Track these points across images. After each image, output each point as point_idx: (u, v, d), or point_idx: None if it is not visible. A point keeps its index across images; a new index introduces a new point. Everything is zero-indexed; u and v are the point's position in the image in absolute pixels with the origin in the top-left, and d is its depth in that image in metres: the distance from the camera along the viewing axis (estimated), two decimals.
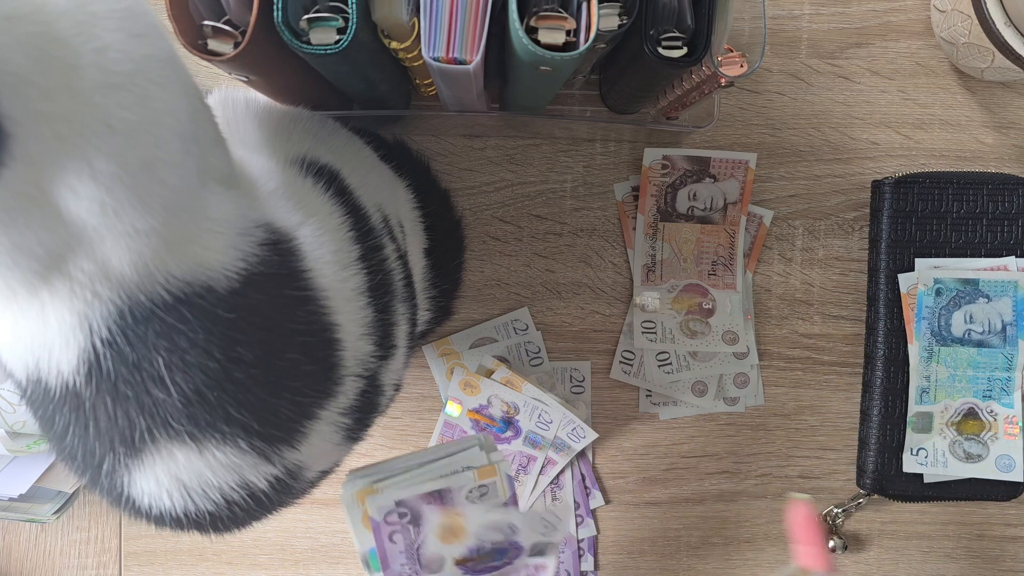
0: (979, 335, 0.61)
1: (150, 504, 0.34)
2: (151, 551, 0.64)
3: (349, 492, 0.39)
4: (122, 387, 0.30)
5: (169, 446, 0.32)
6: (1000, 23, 0.53)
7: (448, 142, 0.63)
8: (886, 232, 0.62)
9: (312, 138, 0.46)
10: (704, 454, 0.64)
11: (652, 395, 0.64)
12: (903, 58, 0.63)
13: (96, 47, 0.27)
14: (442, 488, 0.38)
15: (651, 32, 0.44)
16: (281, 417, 0.34)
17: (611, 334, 0.64)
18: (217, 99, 0.47)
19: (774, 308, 0.64)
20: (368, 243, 0.41)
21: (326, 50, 0.39)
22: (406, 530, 0.38)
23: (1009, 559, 0.65)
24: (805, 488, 0.64)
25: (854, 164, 0.63)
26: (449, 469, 0.40)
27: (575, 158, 0.63)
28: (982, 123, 0.63)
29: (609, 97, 0.59)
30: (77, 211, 0.28)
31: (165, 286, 0.30)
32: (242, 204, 0.34)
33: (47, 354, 0.30)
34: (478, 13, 0.40)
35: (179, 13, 0.40)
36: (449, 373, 0.63)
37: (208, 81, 0.57)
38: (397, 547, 0.38)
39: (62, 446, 0.33)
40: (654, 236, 0.62)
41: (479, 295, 0.63)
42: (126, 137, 0.28)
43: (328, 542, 0.64)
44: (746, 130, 0.63)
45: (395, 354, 0.43)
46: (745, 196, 0.62)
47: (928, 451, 0.61)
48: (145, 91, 0.29)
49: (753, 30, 0.48)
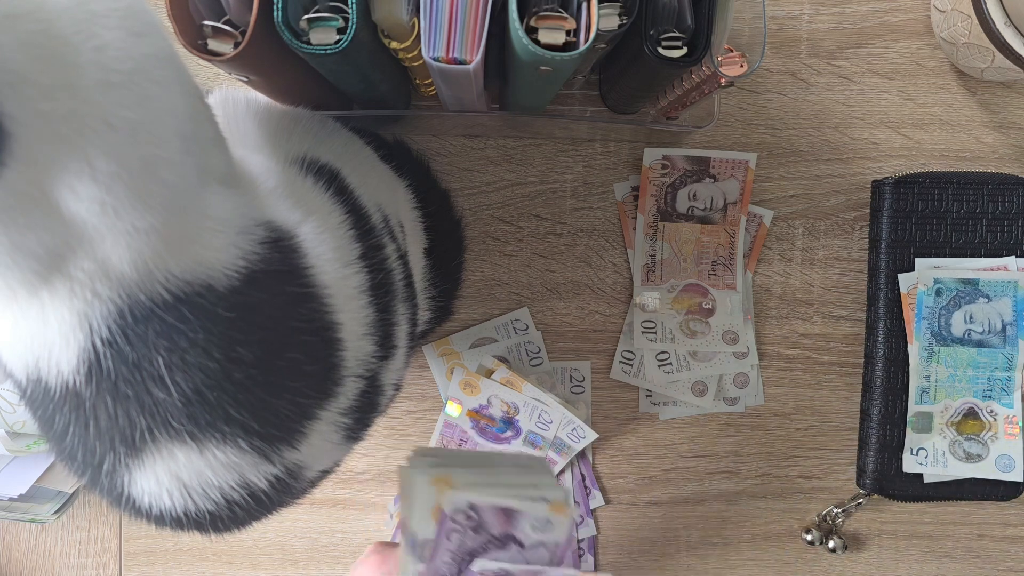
0: (979, 335, 0.61)
1: (150, 504, 0.34)
2: (151, 551, 0.64)
3: (422, 474, 0.37)
4: (122, 386, 0.30)
5: (169, 446, 0.32)
6: (1000, 23, 0.53)
7: (448, 142, 0.63)
8: (886, 232, 0.62)
9: (312, 138, 0.46)
10: (704, 454, 0.64)
11: (652, 395, 0.64)
12: (903, 58, 0.63)
13: (96, 45, 0.27)
14: (516, 508, 0.37)
15: (651, 32, 0.44)
16: (281, 417, 0.34)
17: (611, 334, 0.64)
18: (217, 99, 0.47)
19: (774, 308, 0.64)
20: (368, 242, 0.41)
21: (326, 50, 0.39)
22: (465, 533, 0.38)
23: (1009, 559, 0.65)
24: (805, 488, 0.64)
25: (854, 164, 0.63)
26: (525, 491, 0.38)
27: (575, 158, 0.63)
28: (982, 123, 0.63)
29: (609, 97, 0.59)
30: (77, 210, 0.28)
31: (165, 285, 0.30)
32: (242, 203, 0.34)
33: (47, 354, 0.30)
34: (478, 13, 0.40)
35: (179, 13, 0.40)
36: (449, 373, 0.63)
37: (208, 81, 0.57)
38: (449, 545, 0.38)
39: (62, 446, 0.33)
40: (654, 236, 0.62)
41: (479, 295, 0.63)
42: (126, 136, 0.28)
43: (328, 542, 0.64)
44: (746, 130, 0.63)
45: (396, 354, 0.43)
46: (745, 196, 0.62)
47: (928, 451, 0.61)
48: (145, 90, 0.29)
49: (753, 30, 0.48)
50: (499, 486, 0.38)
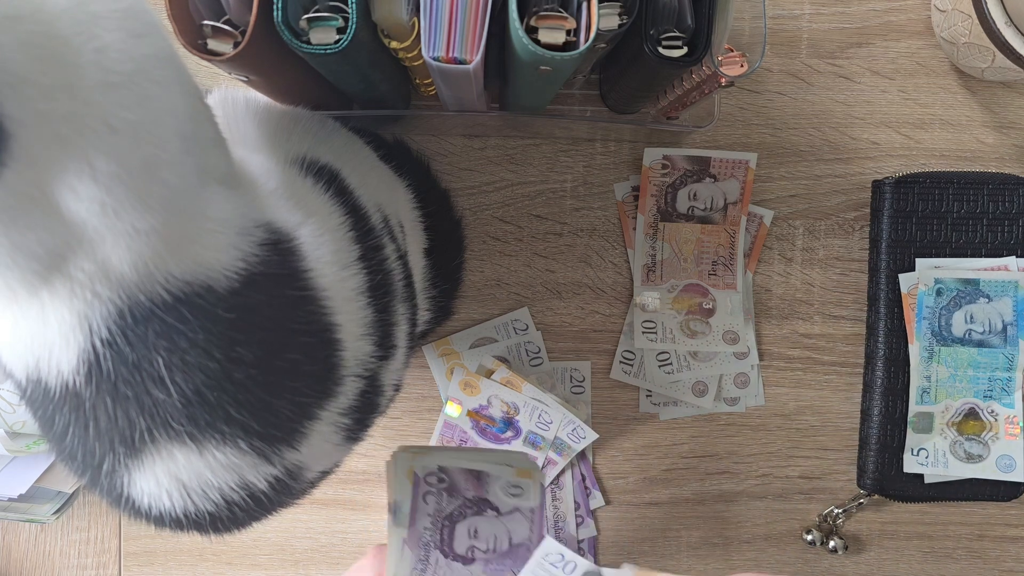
0: (979, 335, 0.61)
1: (150, 504, 0.34)
2: (151, 551, 0.64)
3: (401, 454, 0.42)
4: (122, 387, 0.30)
5: (169, 446, 0.32)
6: (1000, 23, 0.53)
7: (448, 142, 0.63)
8: (886, 232, 0.62)
9: (312, 138, 0.46)
10: (704, 454, 0.64)
11: (652, 395, 0.64)
12: (903, 58, 0.63)
13: (97, 46, 0.27)
14: (483, 471, 0.41)
15: (651, 32, 0.44)
16: (281, 417, 0.34)
17: (611, 334, 0.64)
18: (217, 99, 0.47)
19: (774, 308, 0.64)
20: (368, 243, 0.41)
21: (326, 50, 0.39)
22: (440, 495, 0.41)
23: (1009, 559, 0.65)
24: (805, 488, 0.64)
25: (854, 164, 0.63)
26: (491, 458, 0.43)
27: (575, 158, 0.63)
28: (982, 123, 0.63)
29: (609, 97, 0.59)
30: (77, 211, 0.28)
31: (165, 286, 0.30)
32: (242, 204, 0.34)
33: (47, 354, 0.30)
34: (478, 13, 0.40)
35: (179, 13, 0.40)
36: (449, 373, 0.63)
37: (208, 81, 0.57)
38: (427, 508, 0.41)
39: (62, 446, 0.33)
40: (654, 236, 0.62)
41: (479, 295, 0.63)
42: (126, 137, 0.28)
43: (328, 542, 0.64)
44: (746, 130, 0.63)
45: (395, 354, 0.43)
46: (745, 196, 0.62)
47: (929, 451, 0.61)
48: (145, 90, 0.29)
49: (753, 30, 0.48)
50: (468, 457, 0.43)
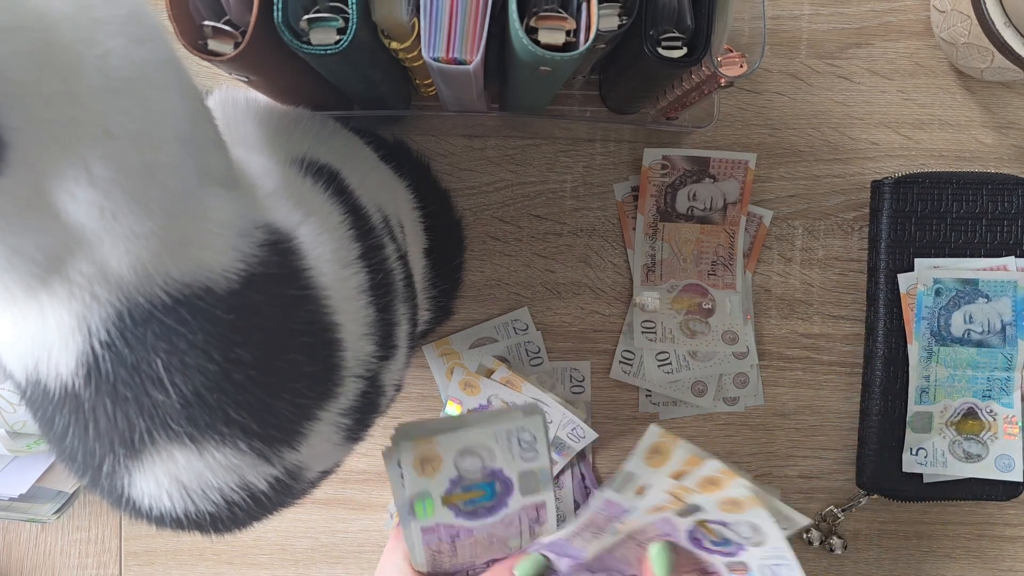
0: (978, 335, 0.61)
1: (150, 505, 0.34)
2: (151, 551, 0.64)
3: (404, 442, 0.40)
4: (121, 389, 0.30)
5: (169, 447, 0.32)
6: (1000, 23, 0.53)
7: (448, 142, 0.63)
8: (886, 232, 0.62)
9: (312, 138, 0.46)
10: None
11: (652, 395, 0.64)
12: (903, 58, 0.63)
13: (98, 52, 0.27)
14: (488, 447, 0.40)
15: (651, 32, 0.44)
16: (281, 418, 0.34)
17: (611, 334, 0.64)
18: (217, 99, 0.47)
19: (774, 308, 0.64)
20: (368, 242, 0.41)
21: (326, 50, 0.39)
22: None
23: (1009, 559, 0.65)
24: (804, 488, 0.64)
25: (854, 164, 0.63)
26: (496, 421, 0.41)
27: (575, 158, 0.63)
28: (982, 123, 0.63)
29: (609, 97, 0.59)
30: (75, 215, 0.28)
31: (164, 288, 0.30)
32: (241, 205, 0.34)
33: (46, 355, 0.30)
34: (478, 13, 0.40)
35: (179, 13, 0.40)
36: (449, 373, 0.63)
37: (208, 81, 0.57)
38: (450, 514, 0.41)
39: (62, 447, 0.33)
40: (654, 236, 0.62)
41: (479, 295, 0.63)
42: (125, 142, 0.28)
43: (328, 542, 0.64)
44: (746, 130, 0.63)
45: (396, 354, 0.42)
46: (745, 196, 0.62)
47: (928, 451, 0.61)
48: (146, 96, 0.29)
49: (753, 30, 0.48)
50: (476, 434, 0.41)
